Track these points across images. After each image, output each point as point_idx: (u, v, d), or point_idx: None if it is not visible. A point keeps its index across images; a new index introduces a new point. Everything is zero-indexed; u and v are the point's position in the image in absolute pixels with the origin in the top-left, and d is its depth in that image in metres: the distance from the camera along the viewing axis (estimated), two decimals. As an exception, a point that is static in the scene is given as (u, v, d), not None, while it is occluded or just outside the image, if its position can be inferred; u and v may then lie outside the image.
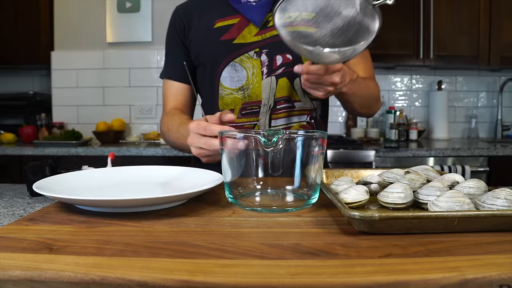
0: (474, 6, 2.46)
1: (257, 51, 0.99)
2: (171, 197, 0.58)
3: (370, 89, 1.05)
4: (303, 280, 0.36)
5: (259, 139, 0.58)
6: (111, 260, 0.40)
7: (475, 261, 0.40)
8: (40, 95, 2.70)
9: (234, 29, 1.00)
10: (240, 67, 0.99)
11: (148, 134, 2.56)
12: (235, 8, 1.01)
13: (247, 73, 0.99)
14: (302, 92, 1.03)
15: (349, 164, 2.12)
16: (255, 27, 0.99)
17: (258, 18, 0.99)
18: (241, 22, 1.00)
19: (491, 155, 2.16)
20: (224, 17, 1.01)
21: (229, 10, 1.01)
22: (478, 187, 0.59)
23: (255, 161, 0.61)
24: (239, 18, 1.00)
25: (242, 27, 1.00)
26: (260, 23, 0.99)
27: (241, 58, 0.99)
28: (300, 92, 1.02)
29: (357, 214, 0.47)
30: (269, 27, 0.99)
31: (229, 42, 1.00)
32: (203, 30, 1.03)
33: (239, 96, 1.00)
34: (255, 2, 1.00)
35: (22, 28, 2.54)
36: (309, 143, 0.60)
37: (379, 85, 1.15)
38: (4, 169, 2.23)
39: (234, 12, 1.00)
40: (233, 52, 1.00)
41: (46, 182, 0.67)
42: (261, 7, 0.99)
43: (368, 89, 1.03)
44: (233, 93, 1.00)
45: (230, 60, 1.00)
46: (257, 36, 0.99)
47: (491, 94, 2.87)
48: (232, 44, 0.99)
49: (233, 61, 1.00)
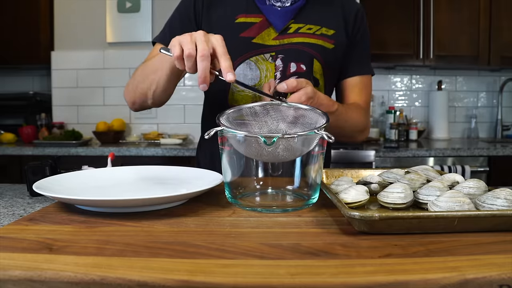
0: (474, 6, 2.46)
1: (273, 55, 0.99)
2: (171, 197, 0.58)
3: (352, 121, 1.02)
4: (303, 280, 0.36)
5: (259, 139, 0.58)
6: (111, 260, 0.40)
7: (475, 261, 0.40)
8: (40, 95, 2.70)
9: (255, 28, 0.99)
10: (255, 66, 0.99)
11: (148, 134, 2.56)
12: (259, 7, 1.00)
13: (261, 74, 0.99)
14: None
15: (349, 164, 2.12)
16: (274, 31, 0.99)
17: (279, 23, 0.99)
18: (262, 22, 1.00)
19: (491, 155, 2.16)
20: (248, 13, 1.00)
21: (253, 7, 1.01)
22: (478, 187, 0.59)
23: (255, 161, 0.61)
24: (261, 18, 1.00)
25: (263, 28, 0.99)
26: (280, 28, 0.99)
27: (256, 58, 0.99)
28: None
29: (357, 214, 0.47)
30: (288, 34, 0.99)
31: (248, 40, 0.99)
32: (224, 21, 1.01)
33: (250, 95, 1.00)
34: (280, 7, 0.99)
35: (22, 28, 2.54)
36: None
37: (379, 85, 1.14)
38: (4, 169, 2.23)
39: (258, 11, 1.00)
40: (251, 51, 0.99)
41: (46, 182, 0.67)
42: (285, 13, 0.99)
43: (348, 121, 1.00)
44: (244, 91, 1.00)
45: (246, 57, 0.99)
46: (275, 41, 0.99)
47: (491, 94, 2.87)
48: (251, 43, 0.99)
49: (249, 59, 1.00)
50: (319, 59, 1.01)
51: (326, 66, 1.03)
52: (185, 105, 2.69)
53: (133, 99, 1.02)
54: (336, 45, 1.03)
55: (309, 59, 1.00)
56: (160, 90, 0.94)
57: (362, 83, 1.09)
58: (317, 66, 1.01)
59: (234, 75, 0.68)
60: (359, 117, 1.05)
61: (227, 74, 0.68)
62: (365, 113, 1.09)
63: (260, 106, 0.70)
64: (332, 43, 1.02)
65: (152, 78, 0.93)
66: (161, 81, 0.91)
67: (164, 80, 0.91)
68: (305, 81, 0.79)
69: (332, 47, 1.02)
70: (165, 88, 0.94)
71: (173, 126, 2.70)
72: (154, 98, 0.97)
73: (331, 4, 1.05)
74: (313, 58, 1.00)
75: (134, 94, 1.00)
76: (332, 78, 1.07)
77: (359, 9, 1.08)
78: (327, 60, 1.02)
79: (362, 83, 1.09)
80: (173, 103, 2.68)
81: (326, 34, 1.01)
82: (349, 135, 1.07)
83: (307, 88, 0.77)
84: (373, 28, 2.43)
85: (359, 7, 1.09)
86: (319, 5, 1.03)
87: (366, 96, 1.11)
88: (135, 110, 1.06)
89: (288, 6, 1.00)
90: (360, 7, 1.09)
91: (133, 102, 1.03)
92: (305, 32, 1.00)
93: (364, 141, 2.49)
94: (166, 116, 2.70)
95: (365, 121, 1.08)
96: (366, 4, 2.40)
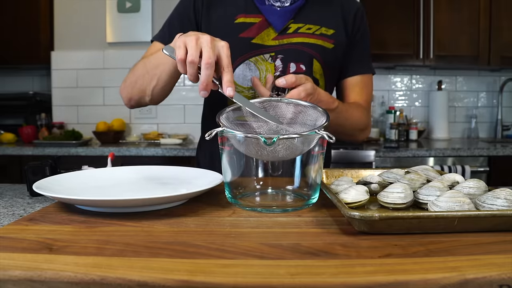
0: (474, 6, 2.46)
1: (273, 55, 0.99)
2: (171, 197, 0.58)
3: (353, 119, 1.02)
4: (303, 280, 0.36)
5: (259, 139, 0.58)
6: (111, 260, 0.40)
7: (475, 261, 0.40)
8: (40, 95, 2.70)
9: (254, 28, 0.99)
10: (255, 67, 0.99)
11: (148, 134, 2.56)
12: (258, 7, 1.00)
13: (260, 74, 0.99)
14: None
15: (349, 164, 2.12)
16: (273, 31, 0.99)
17: (279, 23, 0.99)
18: (262, 22, 0.99)
19: (491, 155, 2.16)
20: (247, 13, 1.00)
21: (252, 7, 1.00)
22: (478, 187, 0.59)
23: (255, 161, 0.61)
24: (260, 19, 0.99)
25: (262, 28, 0.99)
26: (280, 28, 0.99)
27: (256, 58, 0.99)
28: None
29: (357, 214, 0.47)
30: (287, 34, 0.99)
31: (248, 40, 0.99)
32: (223, 21, 1.01)
33: (249, 95, 1.00)
34: (279, 7, 0.99)
35: (22, 28, 2.54)
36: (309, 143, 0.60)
37: (379, 85, 1.14)
38: (4, 169, 2.23)
39: (257, 11, 1.00)
40: (251, 51, 0.99)
41: (46, 182, 0.67)
42: (284, 13, 0.99)
43: (349, 119, 1.00)
44: (243, 91, 1.00)
45: (246, 58, 0.99)
46: (275, 41, 0.99)
47: (491, 94, 2.87)
48: (250, 43, 0.99)
49: (248, 60, 0.99)
50: (319, 59, 1.01)
51: (325, 66, 1.02)
52: (185, 105, 2.69)
53: (130, 95, 1.00)
54: (335, 45, 1.02)
55: (308, 59, 1.00)
56: (160, 87, 0.93)
57: (362, 82, 1.09)
58: (316, 66, 1.01)
59: (233, 91, 0.68)
60: (360, 115, 1.05)
61: (227, 89, 0.68)
62: (366, 112, 1.08)
63: (260, 103, 0.69)
64: (331, 43, 1.02)
65: (154, 73, 0.92)
66: (162, 77, 0.91)
67: (166, 75, 0.90)
68: (304, 77, 0.78)
69: (331, 46, 1.02)
70: (165, 84, 0.93)
71: (173, 126, 2.70)
72: (153, 95, 0.96)
73: (330, 3, 1.05)
74: (312, 58, 1.00)
75: (131, 89, 0.99)
76: (332, 78, 1.07)
77: (358, 8, 1.08)
78: (327, 60, 1.02)
79: (363, 82, 1.09)
80: (173, 103, 2.67)
81: (326, 34, 1.01)
82: (349, 133, 1.06)
83: (306, 84, 0.77)
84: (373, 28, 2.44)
85: (358, 6, 1.08)
86: (318, 4, 1.03)
87: (367, 95, 1.10)
88: (130, 107, 1.05)
89: (287, 6, 0.99)
90: (359, 6, 1.09)
91: (130, 99, 1.01)
92: (304, 32, 1.00)
93: (364, 141, 2.49)
94: (166, 116, 2.70)
95: (366, 120, 1.08)
96: (366, 4, 2.40)
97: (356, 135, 1.09)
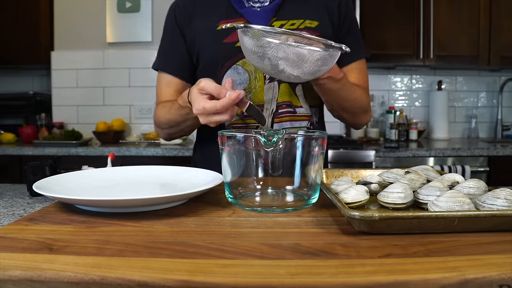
0: (474, 6, 2.46)
1: None
2: (171, 197, 0.58)
3: (356, 95, 1.02)
4: (303, 280, 0.36)
5: (259, 139, 0.58)
6: (111, 260, 0.40)
7: (475, 261, 0.40)
8: (40, 95, 2.70)
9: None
10: (243, 70, 0.99)
11: (148, 134, 2.56)
12: (238, 11, 1.00)
13: (250, 76, 0.99)
14: (304, 99, 1.03)
15: (349, 164, 2.12)
16: None
17: (262, 23, 0.98)
18: None
19: (491, 155, 2.16)
20: (228, 19, 1.00)
21: (232, 12, 1.00)
22: (478, 187, 0.59)
23: (255, 161, 0.61)
24: (242, 22, 1.00)
25: None
26: None
27: (243, 61, 0.99)
28: (302, 98, 1.02)
29: (357, 214, 0.47)
30: None
31: (232, 45, 0.99)
32: (206, 29, 1.02)
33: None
34: (259, 7, 0.99)
35: (22, 28, 2.54)
36: (309, 143, 0.60)
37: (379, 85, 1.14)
38: (4, 169, 2.23)
39: (238, 15, 1.00)
40: (236, 55, 0.99)
41: (46, 182, 0.67)
42: (264, 13, 0.99)
43: (352, 94, 1.00)
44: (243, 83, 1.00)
45: (233, 62, 0.99)
46: None
47: (491, 94, 2.87)
48: (235, 47, 0.99)
49: (235, 64, 0.99)
50: None
51: None
52: (185, 105, 2.69)
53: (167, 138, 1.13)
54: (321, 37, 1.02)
55: None
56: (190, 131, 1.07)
57: (358, 68, 1.09)
58: None
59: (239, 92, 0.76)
60: (362, 93, 1.05)
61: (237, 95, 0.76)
62: (366, 94, 1.09)
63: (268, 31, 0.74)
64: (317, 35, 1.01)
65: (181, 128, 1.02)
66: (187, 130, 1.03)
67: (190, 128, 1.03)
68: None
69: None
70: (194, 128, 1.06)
71: (173, 126, 2.70)
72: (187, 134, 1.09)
73: None
74: None
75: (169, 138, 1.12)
76: None
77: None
78: None
79: (358, 68, 1.09)
80: (173, 103, 2.67)
81: (310, 27, 1.00)
82: (354, 111, 1.06)
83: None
84: (373, 28, 2.46)
85: None
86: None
87: (364, 77, 1.11)
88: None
89: (267, 5, 0.99)
90: None
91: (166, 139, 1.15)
92: (288, 28, 0.99)
93: (364, 141, 2.49)
94: (166, 116, 2.70)
95: (367, 100, 1.09)
96: (366, 5, 2.41)
97: (360, 116, 1.09)
